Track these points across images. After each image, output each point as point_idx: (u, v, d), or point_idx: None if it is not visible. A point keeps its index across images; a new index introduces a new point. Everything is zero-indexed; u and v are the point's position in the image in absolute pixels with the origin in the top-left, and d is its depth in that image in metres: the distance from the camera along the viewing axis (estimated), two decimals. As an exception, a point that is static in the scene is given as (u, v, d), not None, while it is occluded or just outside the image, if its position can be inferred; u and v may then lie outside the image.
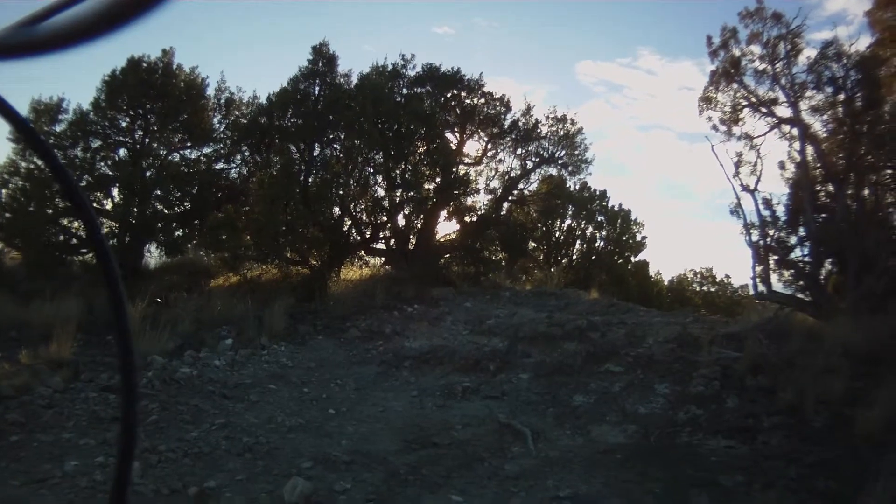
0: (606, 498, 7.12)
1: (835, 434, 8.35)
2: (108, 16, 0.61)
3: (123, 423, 0.93)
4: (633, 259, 23.27)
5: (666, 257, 49.00)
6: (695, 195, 57.18)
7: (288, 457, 7.94)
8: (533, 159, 19.32)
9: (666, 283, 25.50)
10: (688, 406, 9.48)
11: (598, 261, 22.37)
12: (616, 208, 22.88)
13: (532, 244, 21.62)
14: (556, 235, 22.50)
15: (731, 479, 7.44)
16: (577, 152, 19.14)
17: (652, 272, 24.56)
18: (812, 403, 8.89)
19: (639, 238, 23.11)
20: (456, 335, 13.10)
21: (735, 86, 13.72)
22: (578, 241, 22.69)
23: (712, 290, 25.98)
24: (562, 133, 19.02)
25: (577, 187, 21.69)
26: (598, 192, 22.65)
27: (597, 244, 22.70)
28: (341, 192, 16.41)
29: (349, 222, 17.81)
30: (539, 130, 19.01)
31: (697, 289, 26.37)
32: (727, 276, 25.98)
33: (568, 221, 22.54)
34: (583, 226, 22.58)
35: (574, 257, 22.57)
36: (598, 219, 22.59)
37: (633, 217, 23.08)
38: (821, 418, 8.70)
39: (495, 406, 9.87)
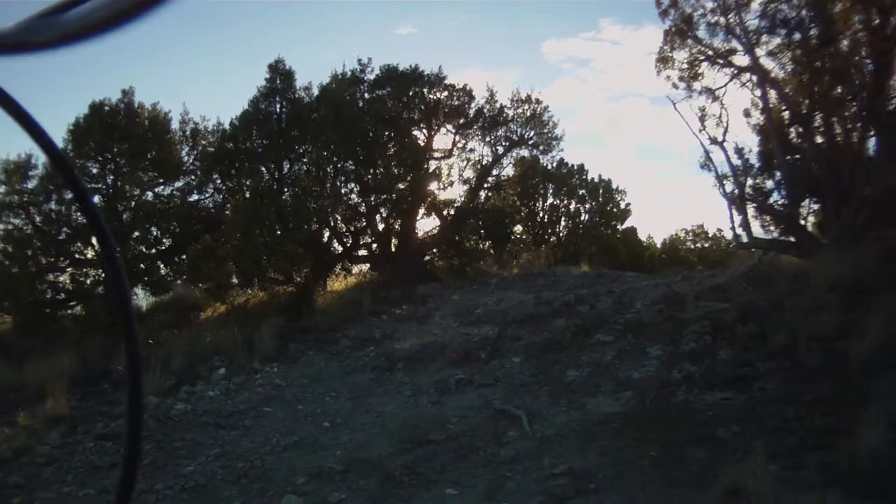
0: (602, 468, 7.07)
1: (830, 369, 8.30)
2: (124, 8, 0.63)
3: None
4: (620, 227, 23.23)
5: (657, 220, 48.90)
6: (675, 155, 57.38)
7: (283, 476, 7.92)
8: (503, 144, 19.33)
9: (659, 245, 25.46)
10: (681, 364, 9.47)
11: (585, 234, 22.35)
12: (596, 180, 22.82)
13: (519, 227, 21.61)
14: (541, 216, 22.47)
15: (729, 431, 7.38)
16: (545, 130, 19.13)
17: (644, 237, 24.57)
18: (804, 342, 8.86)
19: (623, 206, 23.08)
20: (446, 329, 13.09)
21: (690, 42, 13.71)
22: (563, 218, 22.65)
23: (706, 245, 25.92)
24: (528, 114, 19.05)
25: (554, 165, 21.66)
26: (575, 167, 22.60)
27: (582, 218, 22.64)
28: (315, 206, 16.33)
29: (328, 234, 17.82)
30: (505, 114, 18.98)
31: (692, 246, 26.31)
32: (719, 230, 25.91)
33: (550, 200, 22.51)
34: (565, 202, 22.53)
35: (561, 234, 22.54)
36: (580, 193, 22.51)
37: (614, 186, 23.03)
38: (814, 356, 8.64)
39: (490, 393, 9.83)
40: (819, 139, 12.45)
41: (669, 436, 7.55)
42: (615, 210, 22.88)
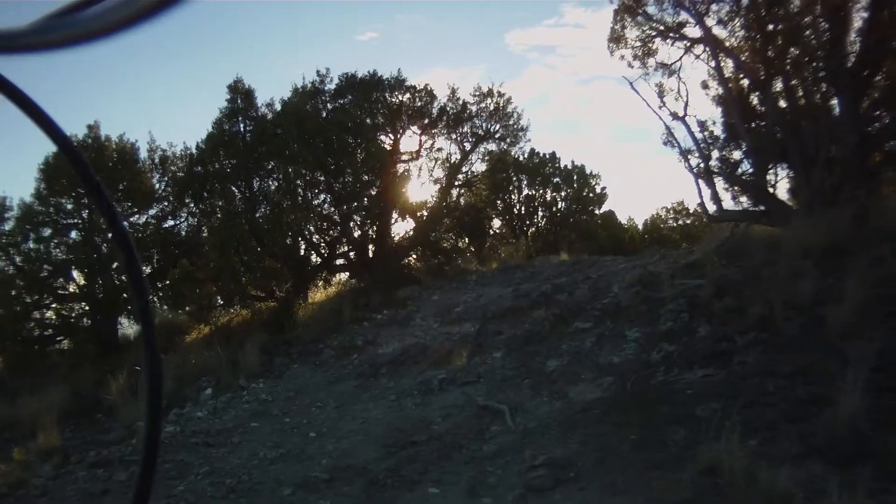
0: (582, 456, 7.09)
1: (809, 337, 8.27)
2: (139, 9, 0.63)
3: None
4: (597, 212, 23.27)
5: (641, 201, 48.93)
6: (648, 134, 57.58)
7: (270, 488, 7.95)
8: (469, 140, 19.36)
9: (640, 227, 25.49)
10: (660, 345, 9.45)
11: (563, 222, 22.37)
12: (569, 167, 22.83)
13: (497, 221, 21.69)
14: (517, 207, 22.49)
15: (708, 408, 7.33)
16: (511, 122, 19.16)
17: (624, 219, 24.60)
18: (782, 312, 8.80)
19: (598, 190, 23.13)
20: (427, 330, 13.13)
21: (640, 19, 13.71)
22: (540, 208, 22.66)
23: (688, 222, 25.93)
24: (492, 107, 19.06)
25: (526, 155, 21.70)
26: (547, 156, 22.62)
27: (558, 206, 22.66)
28: (289, 220, 16.36)
29: (304, 247, 17.88)
30: (469, 110, 19.02)
31: (673, 224, 26.33)
32: (699, 206, 25.86)
33: (525, 191, 22.51)
34: (540, 192, 22.54)
35: (540, 224, 22.56)
36: (554, 181, 22.52)
37: (588, 171, 23.06)
38: (793, 325, 8.59)
39: (473, 391, 9.85)
40: (782, 104, 12.45)
41: (650, 418, 7.55)
42: (591, 195, 22.92)
